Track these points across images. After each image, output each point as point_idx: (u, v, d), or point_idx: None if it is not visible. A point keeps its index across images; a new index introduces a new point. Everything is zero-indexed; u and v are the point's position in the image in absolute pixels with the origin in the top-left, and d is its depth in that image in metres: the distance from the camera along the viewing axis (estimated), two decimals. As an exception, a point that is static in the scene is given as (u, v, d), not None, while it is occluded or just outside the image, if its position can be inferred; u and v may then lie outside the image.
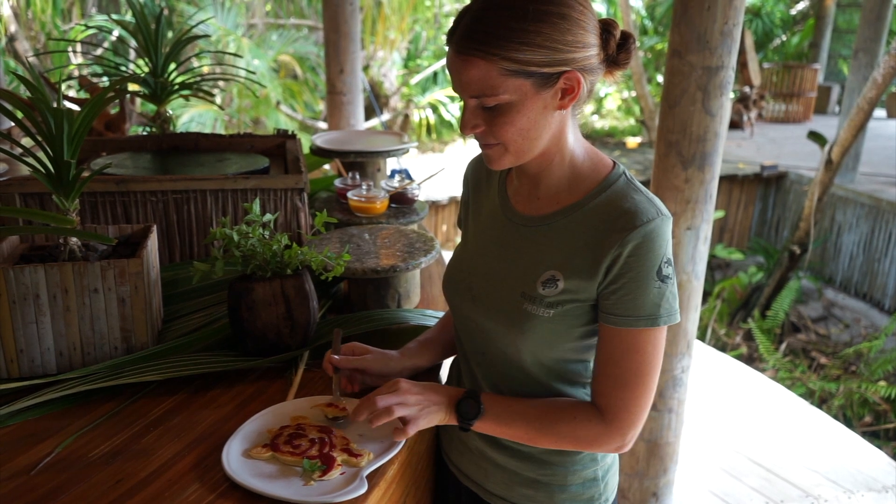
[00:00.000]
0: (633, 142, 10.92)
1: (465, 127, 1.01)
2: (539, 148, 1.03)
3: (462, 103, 1.03)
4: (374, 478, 1.01)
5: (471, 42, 0.94)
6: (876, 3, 7.50)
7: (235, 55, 2.62)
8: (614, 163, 1.08)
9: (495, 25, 0.93)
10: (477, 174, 1.24)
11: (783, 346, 6.43)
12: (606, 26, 1.01)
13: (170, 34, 2.27)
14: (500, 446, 1.16)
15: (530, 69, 0.94)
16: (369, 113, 9.79)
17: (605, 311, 1.02)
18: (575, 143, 1.07)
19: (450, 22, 11.95)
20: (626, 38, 1.02)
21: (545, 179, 1.08)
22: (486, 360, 1.14)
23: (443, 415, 1.07)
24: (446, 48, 1.01)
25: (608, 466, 1.19)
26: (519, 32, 0.93)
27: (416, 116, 10.99)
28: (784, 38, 13.88)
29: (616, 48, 1.02)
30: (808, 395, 5.32)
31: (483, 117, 1.00)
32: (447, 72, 1.02)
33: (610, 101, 13.10)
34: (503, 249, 1.11)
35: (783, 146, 10.05)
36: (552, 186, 1.08)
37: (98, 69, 2.45)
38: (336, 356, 1.19)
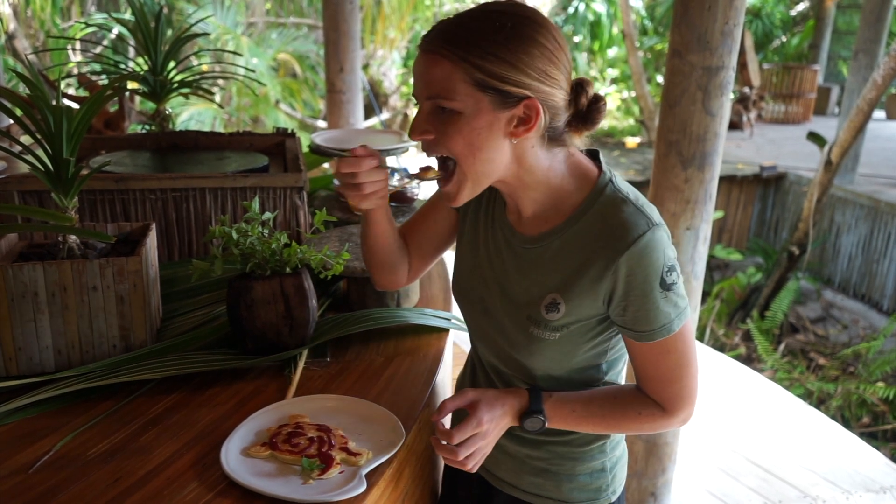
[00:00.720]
0: (632, 142, 10.92)
1: (415, 131, 0.99)
2: (495, 173, 1.00)
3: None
4: (372, 477, 1.01)
5: (441, 42, 0.94)
6: (876, 5, 7.51)
7: (235, 53, 2.62)
8: (599, 171, 1.05)
9: (469, 32, 0.93)
10: None
11: (782, 346, 6.44)
12: (581, 83, 1.01)
13: (169, 32, 2.26)
14: (511, 435, 1.15)
15: (492, 83, 0.93)
16: (369, 112, 9.78)
17: (623, 326, 1.03)
18: (549, 169, 1.03)
19: (449, 21, 11.96)
20: (598, 98, 1.02)
21: (523, 203, 1.07)
22: (500, 363, 1.15)
23: (505, 427, 1.07)
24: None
25: (617, 458, 1.20)
26: (491, 43, 0.92)
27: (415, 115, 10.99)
28: (784, 39, 13.90)
29: (587, 105, 1.01)
30: (807, 396, 5.33)
31: (434, 125, 0.97)
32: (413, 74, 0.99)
33: (609, 101, 13.10)
34: (505, 269, 1.10)
35: (782, 147, 10.06)
36: (535, 208, 1.06)
37: (97, 67, 2.45)
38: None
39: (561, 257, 1.03)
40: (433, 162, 1.05)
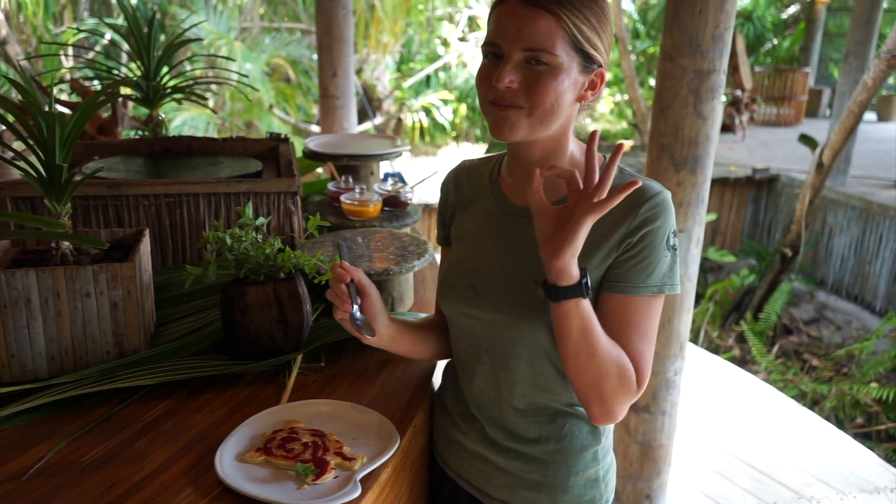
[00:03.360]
0: (625, 145, 10.95)
1: (502, 79, 1.00)
2: (551, 129, 1.05)
3: (490, 59, 1.03)
4: (367, 481, 1.01)
5: None
6: (866, 7, 7.56)
7: (228, 59, 2.62)
8: (604, 157, 1.10)
9: None
10: (458, 182, 1.24)
11: (775, 348, 6.46)
12: None
13: (162, 37, 2.27)
14: (502, 449, 1.15)
15: (585, 46, 1.00)
16: (362, 116, 9.79)
17: (617, 280, 1.04)
18: (573, 142, 1.11)
19: (443, 25, 11.98)
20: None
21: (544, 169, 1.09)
22: (490, 357, 1.13)
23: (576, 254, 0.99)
24: (494, 5, 1.02)
25: (608, 466, 1.19)
26: (588, 9, 0.99)
27: (409, 120, 11.00)
28: (775, 41, 13.97)
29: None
30: (801, 397, 5.34)
31: (521, 76, 1.00)
32: (495, 24, 1.01)
33: (602, 104, 13.14)
34: (506, 243, 1.12)
35: (775, 149, 10.10)
36: (551, 178, 1.10)
37: (90, 73, 2.45)
38: (348, 268, 1.11)
39: None
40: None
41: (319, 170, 2.66)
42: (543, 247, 0.99)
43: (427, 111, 11.12)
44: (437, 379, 1.38)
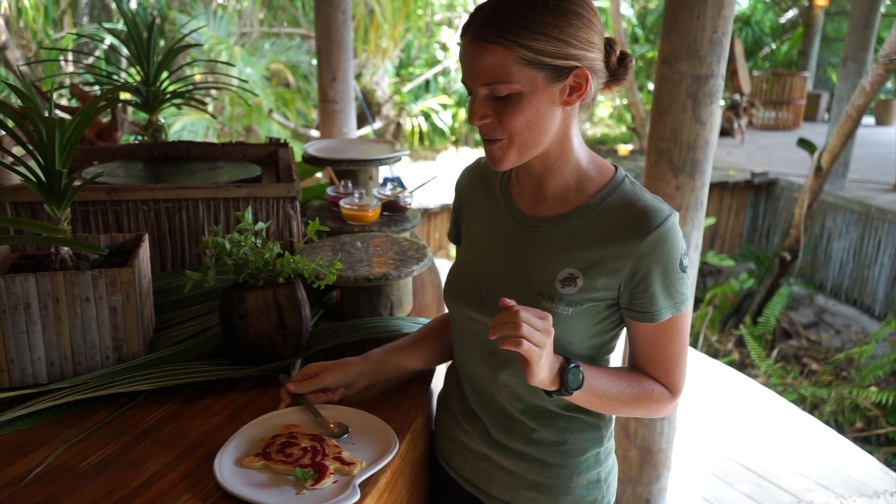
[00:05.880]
0: (624, 149, 10.96)
1: (474, 117, 1.02)
2: (543, 144, 1.04)
3: (469, 96, 1.04)
4: (366, 486, 1.01)
5: (490, 29, 0.97)
6: (864, 12, 7.58)
7: (228, 64, 2.63)
8: (615, 167, 1.12)
9: (515, 15, 0.96)
10: (472, 182, 1.24)
11: (775, 352, 6.46)
12: (609, 42, 1.06)
13: (162, 43, 2.27)
14: (505, 449, 1.16)
15: (545, 60, 0.97)
16: (361, 121, 9.80)
17: (639, 310, 1.05)
18: (579, 146, 1.09)
19: (442, 30, 12.02)
20: (624, 55, 1.08)
21: (551, 180, 1.10)
22: (493, 360, 1.14)
23: (549, 370, 1.00)
24: (458, 43, 1.03)
25: (610, 468, 1.20)
26: (538, 23, 0.96)
27: (408, 125, 11.01)
28: (773, 46, 14.00)
29: (616, 63, 1.07)
30: (800, 401, 5.34)
31: (492, 108, 1.01)
32: (459, 63, 1.03)
33: (602, 108, 13.16)
34: (513, 251, 1.12)
35: (773, 153, 10.11)
36: (558, 187, 1.10)
37: (90, 78, 2.45)
38: (291, 385, 1.18)
39: (580, 234, 1.06)
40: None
41: (319, 174, 2.66)
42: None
43: (426, 116, 11.14)
44: (436, 383, 1.38)
